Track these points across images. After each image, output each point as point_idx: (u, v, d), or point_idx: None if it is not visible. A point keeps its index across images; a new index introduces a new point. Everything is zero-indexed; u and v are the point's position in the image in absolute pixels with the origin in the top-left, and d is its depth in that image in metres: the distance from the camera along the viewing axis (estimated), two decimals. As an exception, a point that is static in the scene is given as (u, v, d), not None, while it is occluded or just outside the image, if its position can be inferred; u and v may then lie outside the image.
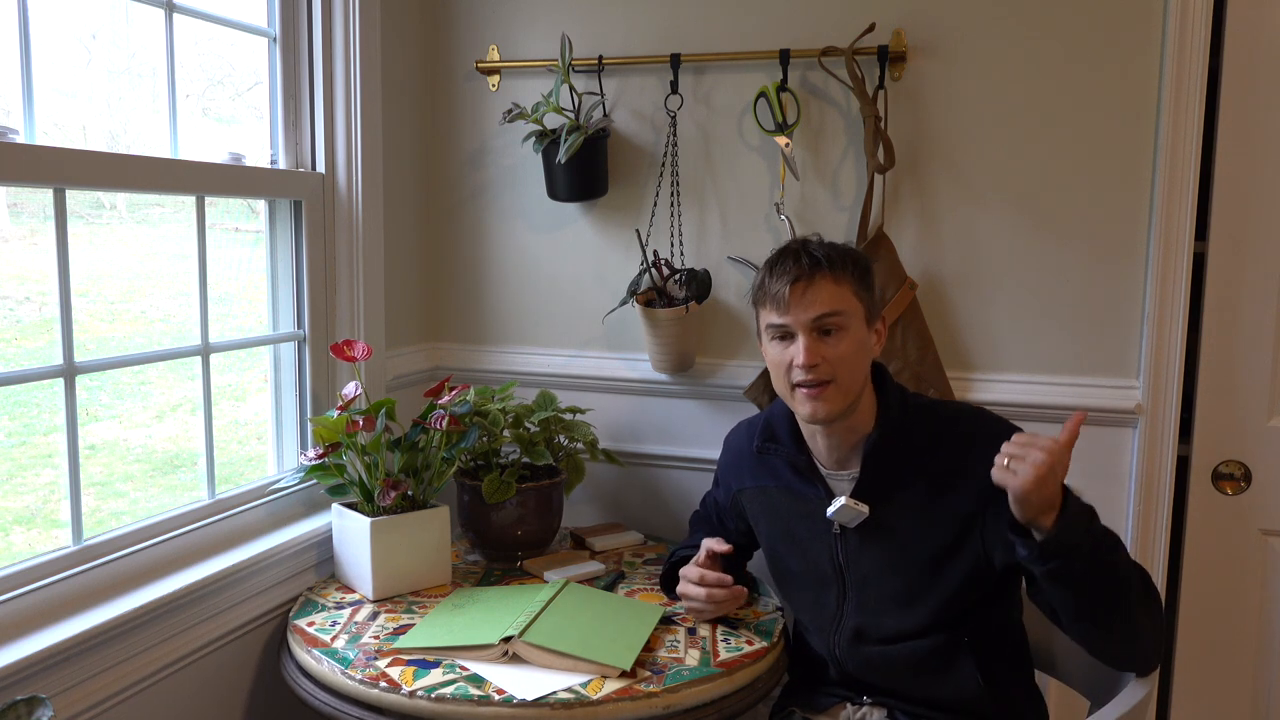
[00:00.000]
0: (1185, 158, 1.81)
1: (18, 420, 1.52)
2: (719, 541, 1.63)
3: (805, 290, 1.44)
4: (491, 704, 1.39)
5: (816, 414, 1.46)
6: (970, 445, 1.47)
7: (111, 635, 1.44)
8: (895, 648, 1.50)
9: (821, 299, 1.44)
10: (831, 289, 1.45)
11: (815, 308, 1.44)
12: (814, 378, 1.44)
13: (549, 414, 1.97)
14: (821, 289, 1.45)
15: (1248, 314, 1.88)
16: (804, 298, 1.44)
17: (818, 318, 1.44)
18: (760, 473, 1.65)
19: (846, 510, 1.48)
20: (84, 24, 1.58)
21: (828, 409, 1.45)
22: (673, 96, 2.08)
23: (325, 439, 1.78)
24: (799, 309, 1.44)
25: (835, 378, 1.44)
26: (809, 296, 1.44)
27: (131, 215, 1.73)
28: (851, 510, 1.48)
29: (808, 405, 1.46)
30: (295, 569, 1.81)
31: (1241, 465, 1.92)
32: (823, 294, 1.44)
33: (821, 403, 1.45)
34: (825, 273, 1.45)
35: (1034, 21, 1.89)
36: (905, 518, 1.49)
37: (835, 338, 1.45)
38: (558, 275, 2.24)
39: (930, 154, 1.97)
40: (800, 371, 1.44)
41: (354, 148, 1.96)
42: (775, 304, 1.46)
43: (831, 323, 1.44)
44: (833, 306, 1.44)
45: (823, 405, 1.45)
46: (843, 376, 1.44)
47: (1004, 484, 1.28)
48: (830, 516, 1.50)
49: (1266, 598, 1.93)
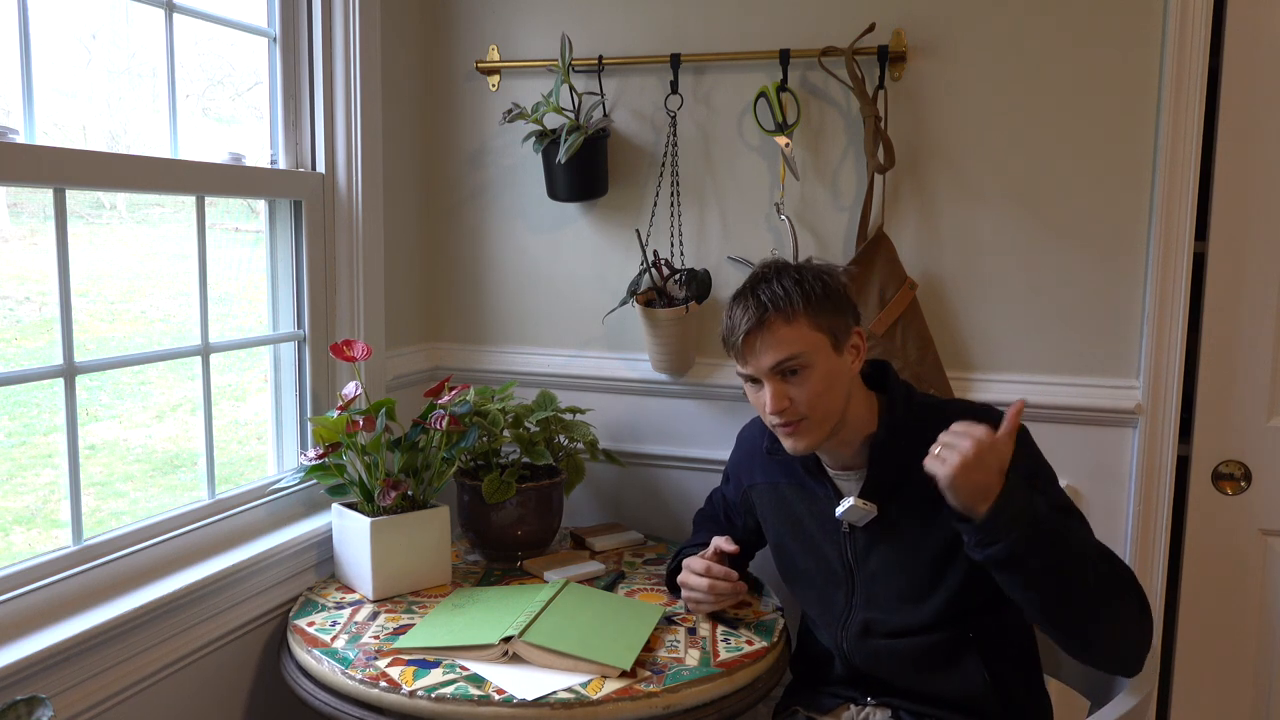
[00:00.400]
0: (1185, 158, 1.81)
1: (18, 420, 1.52)
2: (728, 541, 1.64)
3: (759, 339, 1.44)
4: (491, 704, 1.39)
5: (796, 449, 1.49)
6: None
7: (111, 635, 1.44)
8: (902, 642, 1.51)
9: (776, 345, 1.43)
10: (784, 332, 1.44)
11: (770, 355, 1.44)
12: (784, 420, 1.46)
13: (549, 414, 1.97)
14: (773, 334, 1.44)
15: (1248, 314, 1.88)
16: (758, 347, 1.45)
17: (775, 365, 1.44)
18: (772, 469, 1.66)
19: (855, 510, 1.49)
20: (84, 24, 1.58)
21: (806, 443, 1.48)
22: (673, 96, 2.08)
23: (325, 439, 1.78)
24: (755, 359, 1.45)
25: (807, 415, 1.45)
26: (763, 344, 1.44)
27: (131, 215, 1.73)
28: (860, 510, 1.49)
29: (788, 441, 1.49)
30: (295, 569, 1.81)
31: (1241, 465, 1.92)
32: (775, 339, 1.44)
33: (799, 438, 1.47)
34: (773, 317, 1.44)
35: (1034, 21, 1.89)
36: (912, 516, 1.49)
37: (800, 377, 1.44)
38: (557, 275, 2.24)
39: (930, 154, 1.97)
40: (772, 416, 1.47)
41: (354, 148, 1.96)
42: (736, 355, 1.49)
43: (791, 365, 1.44)
44: (789, 351, 1.43)
45: (800, 440, 1.47)
46: (814, 412, 1.45)
47: (933, 472, 1.29)
48: (839, 516, 1.51)
49: (1266, 598, 1.93)
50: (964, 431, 1.28)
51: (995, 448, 1.27)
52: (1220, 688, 1.97)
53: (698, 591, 1.63)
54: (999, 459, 1.28)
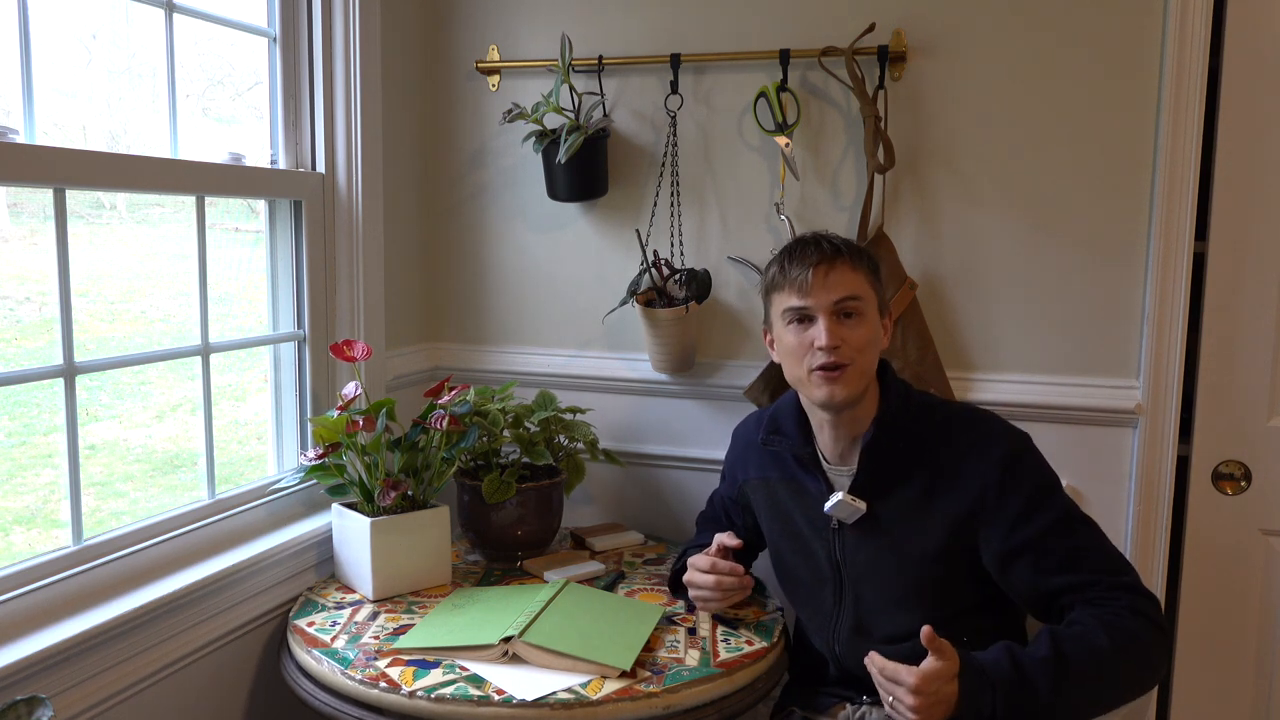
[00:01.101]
0: (1185, 158, 1.81)
1: (18, 420, 1.52)
2: (730, 535, 1.64)
3: (828, 273, 1.47)
4: (491, 704, 1.39)
5: (834, 396, 1.47)
6: (967, 449, 1.47)
7: (111, 635, 1.44)
8: (893, 648, 1.49)
9: (844, 283, 1.48)
10: (851, 275, 1.49)
11: (838, 290, 1.47)
12: (834, 359, 1.45)
13: (549, 414, 1.97)
14: (843, 273, 1.48)
15: (1248, 314, 1.88)
16: (826, 280, 1.47)
17: (840, 300, 1.47)
18: (765, 463, 1.66)
19: (843, 506, 1.49)
20: (84, 24, 1.58)
21: (846, 391, 1.46)
22: (673, 96, 2.08)
23: (325, 439, 1.78)
24: (821, 291, 1.47)
25: (854, 361, 1.46)
26: (831, 279, 1.47)
27: (131, 215, 1.73)
28: (849, 506, 1.49)
29: (825, 388, 1.47)
30: (295, 569, 1.81)
31: (1241, 465, 1.92)
32: (844, 278, 1.48)
33: (839, 385, 1.46)
34: (845, 259, 1.49)
35: (1034, 21, 1.89)
36: (901, 516, 1.49)
37: (855, 321, 1.48)
38: (557, 275, 2.24)
39: (930, 154, 1.97)
40: (821, 354, 1.46)
41: (354, 148, 1.96)
42: (796, 287, 1.49)
43: (852, 306, 1.47)
44: (853, 290, 1.48)
45: (840, 388, 1.46)
46: (860, 360, 1.47)
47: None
48: (828, 511, 1.50)
49: (1266, 598, 1.93)
50: (893, 682, 1.29)
51: (929, 678, 1.27)
52: (1220, 687, 1.97)
53: (705, 589, 1.63)
54: (939, 679, 1.28)
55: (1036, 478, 1.46)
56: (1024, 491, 1.43)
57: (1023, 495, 1.43)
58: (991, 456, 1.45)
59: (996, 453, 1.45)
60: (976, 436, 1.49)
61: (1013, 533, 1.42)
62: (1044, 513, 1.42)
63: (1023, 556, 1.42)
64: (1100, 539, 1.44)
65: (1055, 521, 1.42)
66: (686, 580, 1.66)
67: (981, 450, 1.46)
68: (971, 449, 1.47)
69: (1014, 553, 1.42)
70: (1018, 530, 1.42)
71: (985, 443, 1.47)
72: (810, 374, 1.48)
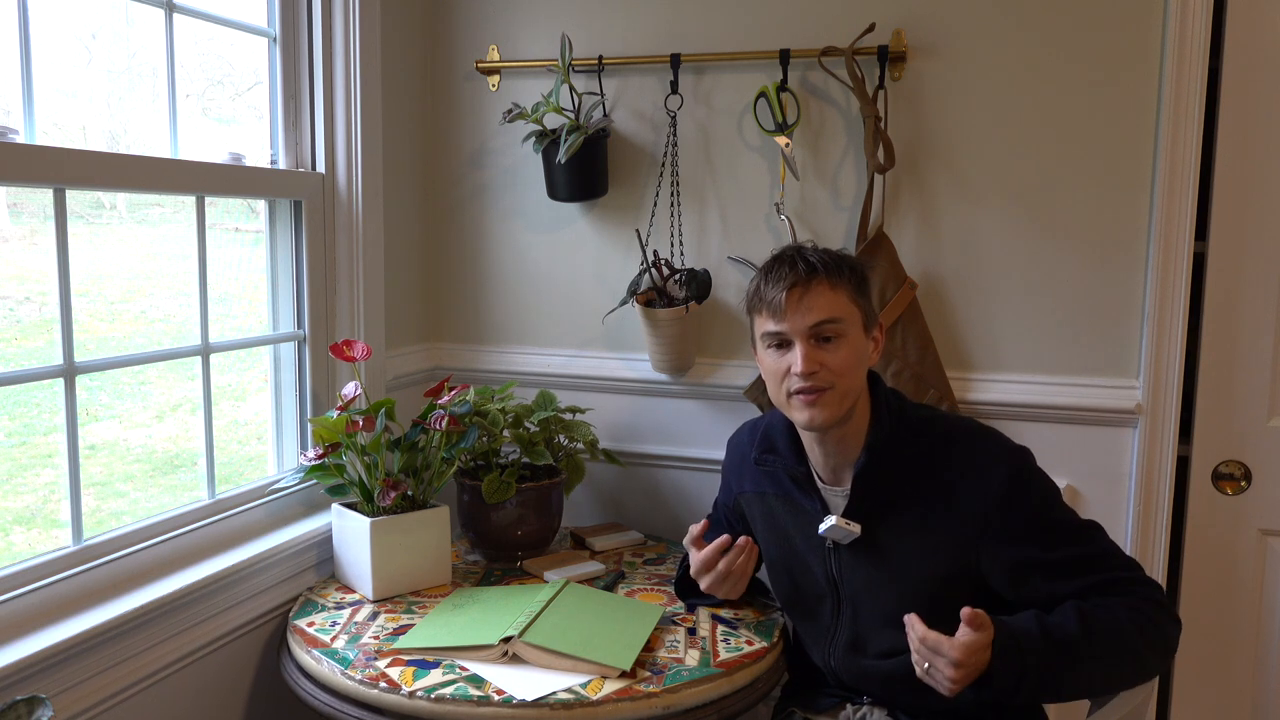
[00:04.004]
0: (1185, 158, 1.81)
1: (18, 420, 1.52)
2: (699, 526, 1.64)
3: (802, 296, 1.42)
4: (491, 704, 1.39)
5: (814, 420, 1.44)
6: (966, 469, 1.44)
7: (111, 635, 1.44)
8: (890, 663, 1.48)
9: (819, 305, 1.42)
10: (828, 295, 1.43)
11: (812, 314, 1.42)
12: (811, 385, 1.41)
13: (549, 414, 1.97)
14: (818, 295, 1.43)
15: (1248, 314, 1.88)
16: (801, 304, 1.42)
17: (815, 325, 1.42)
18: (760, 479, 1.64)
19: (838, 529, 1.47)
20: (84, 24, 1.58)
21: (825, 415, 1.43)
22: (673, 96, 2.08)
23: (325, 439, 1.78)
24: (796, 316, 1.42)
25: (833, 385, 1.42)
26: (806, 303, 1.42)
27: (131, 215, 1.73)
28: (843, 529, 1.47)
29: (805, 412, 1.44)
30: (295, 569, 1.81)
31: (1241, 465, 1.92)
32: (820, 300, 1.42)
33: (819, 409, 1.43)
34: (822, 279, 1.43)
35: (1034, 22, 1.89)
36: (897, 538, 1.47)
37: (833, 345, 1.43)
38: (557, 275, 2.24)
39: (930, 154, 1.97)
40: (797, 379, 1.42)
41: (354, 148, 1.96)
42: (771, 311, 1.44)
43: (829, 330, 1.43)
44: (830, 313, 1.42)
45: (820, 411, 1.43)
46: (840, 384, 1.43)
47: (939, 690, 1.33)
48: (822, 534, 1.49)
49: (1266, 597, 1.93)
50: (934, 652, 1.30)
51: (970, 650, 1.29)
52: (1220, 687, 1.97)
53: (715, 576, 1.61)
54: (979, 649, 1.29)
55: (1039, 493, 1.44)
56: (1028, 508, 1.41)
57: (1027, 512, 1.41)
58: (992, 476, 1.42)
59: (998, 472, 1.42)
60: (976, 455, 1.46)
61: (1021, 550, 1.40)
62: (1050, 527, 1.41)
63: (1035, 571, 1.40)
64: (1107, 542, 1.44)
65: (1063, 533, 1.41)
66: (694, 575, 1.65)
67: (981, 470, 1.43)
68: (971, 469, 1.44)
69: (1024, 569, 1.41)
70: (1025, 547, 1.40)
71: (985, 461, 1.44)
72: (790, 397, 1.45)
